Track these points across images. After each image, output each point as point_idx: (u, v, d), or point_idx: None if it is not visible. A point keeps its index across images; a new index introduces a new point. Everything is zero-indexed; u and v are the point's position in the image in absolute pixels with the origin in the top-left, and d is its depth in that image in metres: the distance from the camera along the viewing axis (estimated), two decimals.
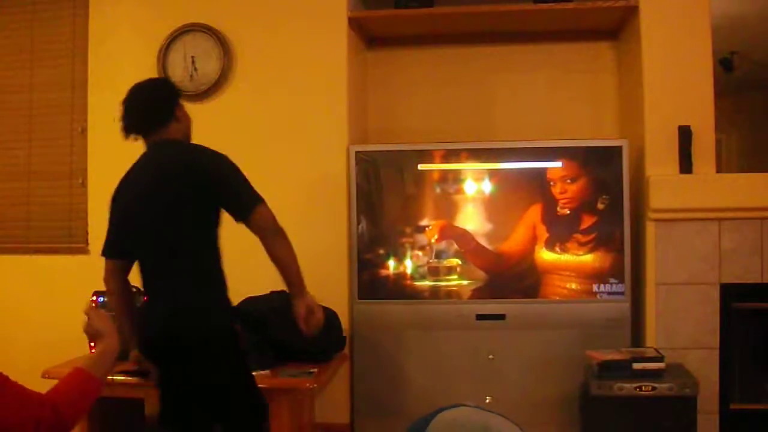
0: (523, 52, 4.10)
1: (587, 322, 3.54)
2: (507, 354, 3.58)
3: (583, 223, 3.57)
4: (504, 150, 3.68)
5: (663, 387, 3.15)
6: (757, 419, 3.42)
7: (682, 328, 3.46)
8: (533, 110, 4.07)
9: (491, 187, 3.65)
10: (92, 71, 4.03)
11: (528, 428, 2.10)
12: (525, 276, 3.63)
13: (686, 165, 3.46)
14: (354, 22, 3.85)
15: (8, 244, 4.15)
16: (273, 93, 3.85)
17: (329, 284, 3.69)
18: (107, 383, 3.41)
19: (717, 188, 3.44)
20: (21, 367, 2.20)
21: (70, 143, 4.10)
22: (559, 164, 3.60)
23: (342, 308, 3.63)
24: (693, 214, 3.45)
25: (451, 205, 3.67)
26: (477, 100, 4.12)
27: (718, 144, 3.57)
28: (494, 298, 3.62)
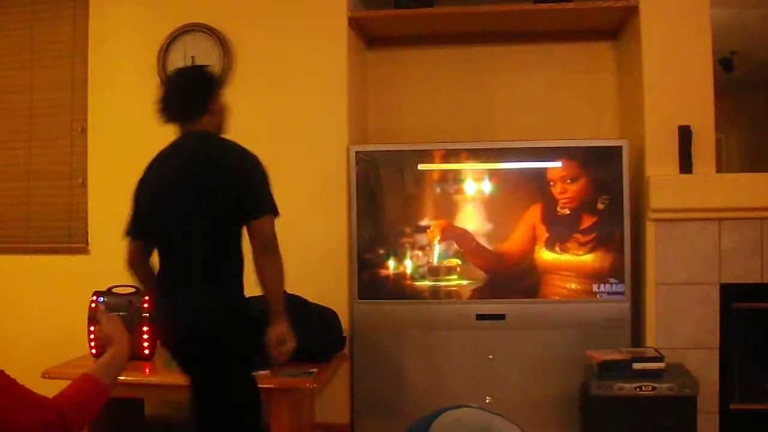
0: (523, 52, 4.10)
1: (587, 322, 3.54)
2: (507, 354, 3.58)
3: (583, 223, 3.57)
4: (504, 150, 3.69)
5: (663, 387, 3.15)
6: (757, 419, 3.42)
7: (682, 328, 3.46)
8: (533, 110, 4.07)
9: (491, 187, 3.65)
10: (92, 71, 4.03)
11: (528, 428, 2.10)
12: (525, 276, 3.63)
13: (686, 165, 3.46)
14: (354, 22, 3.85)
15: (8, 244, 4.15)
16: (273, 93, 3.85)
17: (329, 284, 3.70)
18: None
19: (717, 188, 3.44)
20: (21, 367, 2.20)
21: (70, 143, 4.10)
22: (559, 164, 3.60)
23: (342, 308, 3.64)
24: (693, 214, 3.45)
25: (451, 205, 3.67)
26: (477, 100, 4.11)
27: (718, 144, 3.57)
28: (494, 298, 3.62)
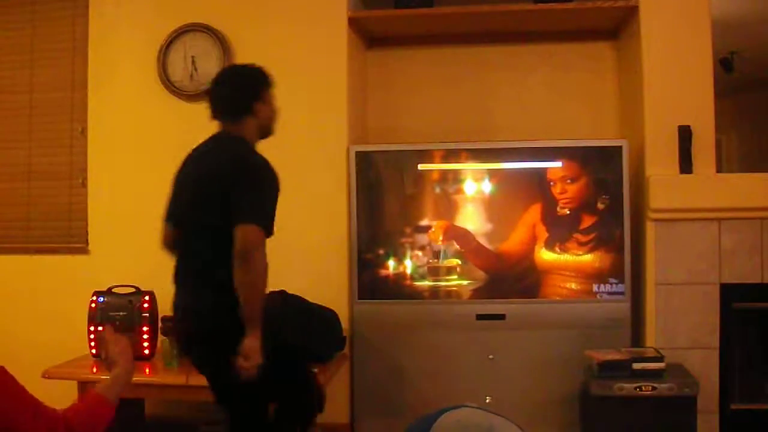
0: (523, 52, 4.10)
1: (587, 322, 3.54)
2: (507, 354, 3.58)
3: (583, 223, 3.57)
4: (504, 150, 3.69)
5: (663, 387, 3.15)
6: (757, 419, 3.42)
7: (682, 328, 3.46)
8: (533, 110, 4.06)
9: (491, 187, 3.65)
10: (92, 71, 4.03)
11: (528, 428, 2.10)
12: (525, 276, 3.63)
13: (686, 165, 3.46)
14: (354, 22, 3.85)
15: (8, 244, 4.15)
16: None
17: (329, 284, 3.70)
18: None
19: (717, 188, 3.44)
20: (21, 367, 2.20)
21: (70, 143, 4.10)
22: (559, 164, 3.60)
23: (342, 308, 3.63)
24: (693, 214, 3.45)
25: (451, 205, 3.67)
26: (477, 100, 4.11)
27: (718, 144, 3.57)
28: (494, 298, 3.62)
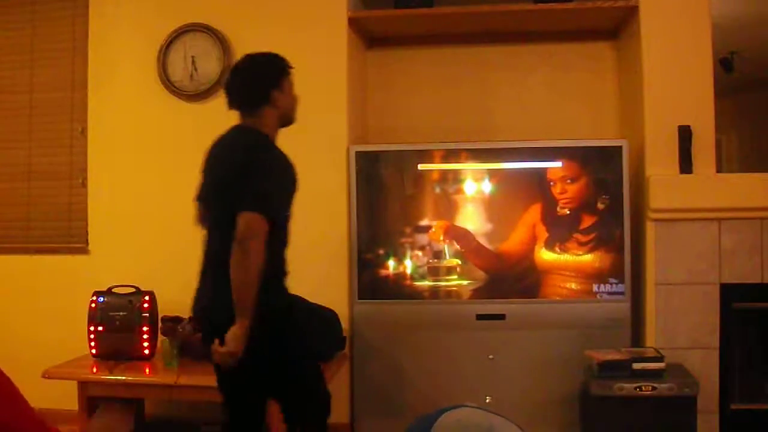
0: (523, 52, 4.10)
1: (587, 322, 3.54)
2: (507, 354, 3.58)
3: (583, 223, 3.57)
4: (504, 150, 3.68)
5: (663, 387, 3.15)
6: (757, 419, 3.42)
7: (682, 328, 3.46)
8: (533, 110, 4.06)
9: (491, 187, 3.65)
10: (92, 71, 4.03)
11: (528, 428, 2.11)
12: (525, 276, 3.63)
13: (686, 165, 3.46)
14: (354, 22, 3.85)
15: (8, 244, 4.16)
16: None
17: (329, 284, 3.70)
18: (107, 383, 3.41)
19: (717, 188, 3.44)
20: (21, 367, 2.20)
21: (70, 143, 4.10)
22: (559, 164, 3.60)
23: (342, 308, 3.64)
24: (693, 214, 3.45)
25: (451, 205, 3.67)
26: (477, 100, 4.11)
27: (718, 144, 3.56)
28: (494, 298, 3.62)
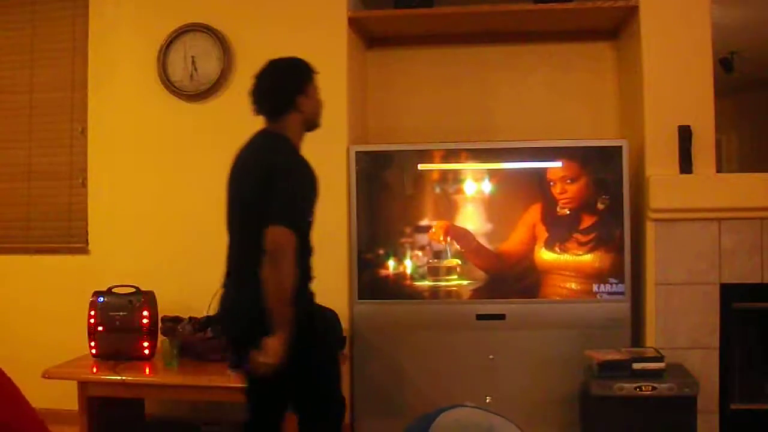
0: (523, 52, 4.10)
1: (587, 322, 3.54)
2: (507, 354, 3.58)
3: (583, 223, 3.57)
4: (504, 150, 3.69)
5: (663, 387, 3.15)
6: (757, 419, 3.42)
7: (682, 328, 3.46)
8: (533, 110, 4.06)
9: (491, 187, 3.65)
10: (92, 71, 4.03)
11: (528, 428, 2.11)
12: (525, 276, 3.63)
13: (686, 165, 3.46)
14: (354, 22, 3.85)
15: (8, 244, 4.16)
16: None
17: (329, 284, 3.68)
18: (107, 383, 3.41)
19: (717, 188, 3.44)
20: (21, 367, 2.20)
21: (70, 143, 4.10)
22: (559, 164, 3.60)
23: (342, 308, 3.63)
24: (693, 214, 3.45)
25: (451, 205, 3.67)
26: (477, 100, 4.11)
27: (718, 144, 3.56)
28: (494, 298, 3.62)
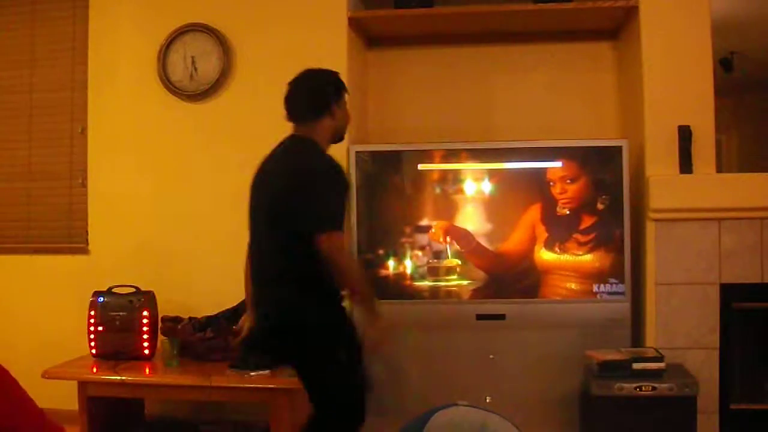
0: (523, 52, 4.10)
1: (587, 322, 3.54)
2: (507, 354, 3.58)
3: (583, 223, 3.57)
4: (504, 150, 3.68)
5: (663, 387, 3.15)
6: (757, 419, 3.42)
7: (682, 328, 3.45)
8: (533, 110, 4.06)
9: (491, 187, 3.65)
10: (92, 71, 4.03)
11: (528, 428, 2.11)
12: (525, 276, 3.62)
13: (686, 165, 3.45)
14: (354, 22, 3.85)
15: (8, 244, 4.16)
16: (273, 93, 3.81)
17: None
18: (107, 383, 3.41)
19: (717, 188, 3.44)
20: (21, 367, 2.20)
21: (70, 143, 4.10)
22: (559, 164, 3.59)
23: None
24: (693, 214, 3.44)
25: (451, 205, 3.67)
26: (477, 100, 4.11)
27: (718, 144, 3.56)
28: (494, 298, 3.62)
